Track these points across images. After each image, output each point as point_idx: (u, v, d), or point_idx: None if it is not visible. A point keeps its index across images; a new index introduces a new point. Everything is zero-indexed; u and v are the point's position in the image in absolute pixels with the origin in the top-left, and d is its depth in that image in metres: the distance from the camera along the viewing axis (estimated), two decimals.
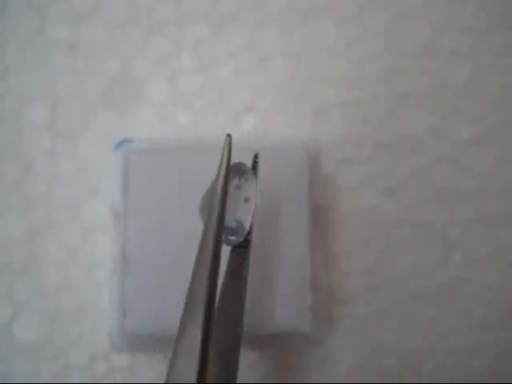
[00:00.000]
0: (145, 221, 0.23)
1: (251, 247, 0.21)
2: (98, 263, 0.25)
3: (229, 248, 0.21)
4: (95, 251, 0.25)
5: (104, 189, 0.25)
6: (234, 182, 0.21)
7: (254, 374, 0.20)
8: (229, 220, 0.21)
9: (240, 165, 0.21)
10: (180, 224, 0.23)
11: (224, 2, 0.27)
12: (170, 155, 0.24)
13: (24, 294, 0.24)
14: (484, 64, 0.26)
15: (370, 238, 0.25)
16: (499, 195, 0.26)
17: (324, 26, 0.27)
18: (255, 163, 0.22)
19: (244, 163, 0.21)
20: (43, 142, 0.26)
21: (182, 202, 0.23)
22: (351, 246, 0.25)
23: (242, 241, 0.21)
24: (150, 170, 0.24)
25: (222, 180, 0.19)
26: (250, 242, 0.21)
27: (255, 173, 0.22)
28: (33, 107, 0.26)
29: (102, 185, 0.25)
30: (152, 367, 0.24)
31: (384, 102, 0.26)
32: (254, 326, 0.22)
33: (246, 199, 0.21)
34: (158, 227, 0.23)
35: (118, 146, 0.24)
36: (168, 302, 0.23)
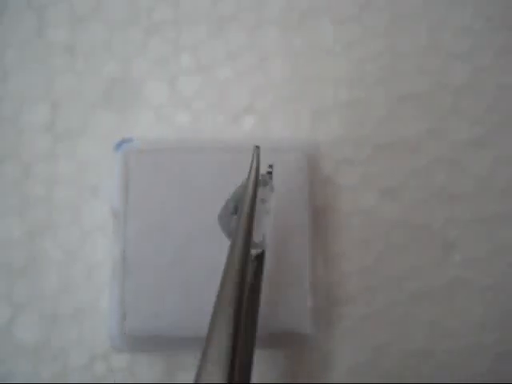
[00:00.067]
0: (145, 221, 0.23)
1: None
2: (98, 263, 0.25)
3: None
4: (95, 252, 0.25)
5: (104, 189, 0.25)
6: (260, 195, 0.21)
7: (255, 375, 0.20)
8: (256, 236, 0.20)
9: (262, 176, 0.21)
10: (180, 224, 0.23)
11: (224, 3, 0.27)
12: (170, 155, 0.24)
13: (24, 295, 0.24)
14: (483, 64, 0.26)
15: (370, 239, 0.25)
16: (499, 195, 0.26)
17: (324, 27, 0.27)
18: (270, 173, 0.22)
19: (264, 174, 0.21)
20: (43, 143, 0.25)
21: (181, 202, 0.23)
22: (351, 247, 0.25)
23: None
24: (149, 170, 0.24)
25: (250, 195, 0.19)
26: (265, 250, 0.21)
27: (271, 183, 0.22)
28: (32, 108, 0.26)
29: (102, 185, 0.25)
30: (152, 367, 0.24)
31: (383, 102, 0.26)
32: None
33: (268, 211, 0.21)
34: (158, 227, 0.23)
35: (118, 146, 0.24)
36: (168, 303, 0.23)
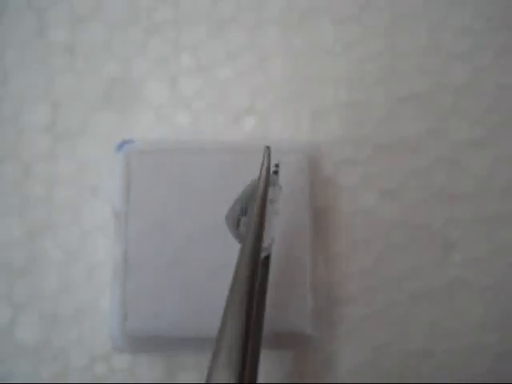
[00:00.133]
0: (146, 222, 0.23)
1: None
2: (98, 264, 0.25)
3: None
4: (95, 252, 0.25)
5: (104, 189, 0.25)
6: (269, 195, 0.20)
7: (259, 375, 0.20)
8: (265, 239, 0.20)
9: (270, 176, 0.21)
10: (181, 225, 0.23)
11: (224, 3, 0.27)
12: (171, 156, 0.24)
13: (24, 295, 0.24)
14: (483, 64, 0.26)
15: (370, 239, 0.25)
16: (499, 195, 0.26)
17: (324, 27, 0.27)
18: (276, 172, 0.22)
19: (271, 174, 0.21)
20: (43, 143, 0.25)
21: (182, 203, 0.23)
22: (351, 247, 0.25)
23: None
24: (151, 171, 0.24)
25: (261, 197, 0.19)
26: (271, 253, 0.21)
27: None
28: (33, 108, 0.26)
29: (102, 185, 0.25)
30: (152, 368, 0.24)
31: (383, 102, 0.26)
32: None
33: (276, 212, 0.21)
34: (159, 228, 0.23)
35: (120, 147, 0.24)
36: (169, 303, 0.23)
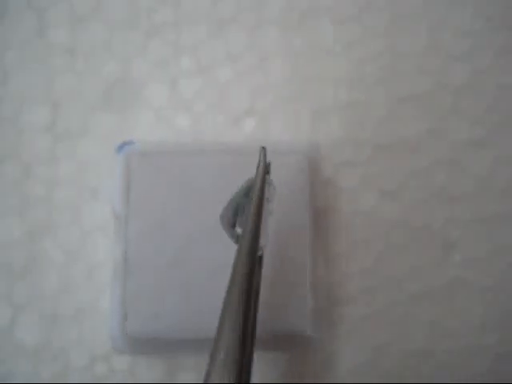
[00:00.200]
0: (146, 223, 0.23)
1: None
2: (98, 264, 0.25)
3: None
4: (95, 252, 0.25)
5: (104, 190, 0.25)
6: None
7: (255, 375, 0.20)
8: (261, 239, 0.20)
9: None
10: (181, 226, 0.23)
11: (224, 3, 0.27)
12: (171, 158, 0.24)
13: (24, 295, 0.24)
14: (483, 65, 0.26)
15: (370, 239, 0.25)
16: (499, 195, 0.26)
17: (324, 27, 0.27)
18: (267, 172, 0.21)
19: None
20: (43, 143, 0.25)
21: (182, 204, 0.23)
22: (351, 247, 0.25)
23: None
24: (151, 172, 0.24)
25: (258, 196, 0.19)
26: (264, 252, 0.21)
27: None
28: (33, 108, 0.26)
29: (102, 186, 0.25)
30: (152, 368, 0.24)
31: (383, 102, 0.26)
32: None
33: (271, 212, 0.21)
34: (159, 229, 0.23)
35: (120, 148, 0.24)
36: (169, 304, 0.23)
